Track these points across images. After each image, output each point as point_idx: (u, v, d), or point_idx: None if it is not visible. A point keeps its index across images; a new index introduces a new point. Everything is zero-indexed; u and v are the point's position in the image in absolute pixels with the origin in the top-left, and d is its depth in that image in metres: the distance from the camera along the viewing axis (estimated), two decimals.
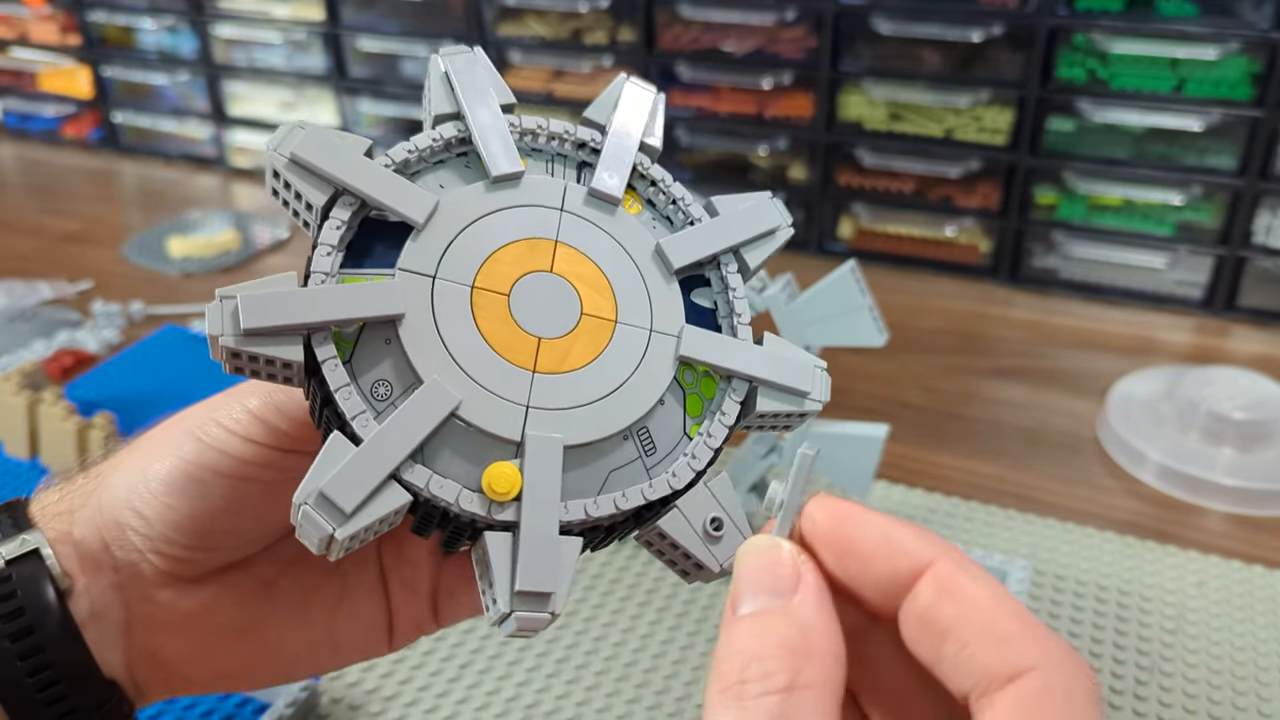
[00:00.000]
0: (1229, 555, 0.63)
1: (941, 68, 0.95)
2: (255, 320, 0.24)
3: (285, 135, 0.26)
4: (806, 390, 0.28)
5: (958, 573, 0.23)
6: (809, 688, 0.21)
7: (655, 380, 0.27)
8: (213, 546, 0.32)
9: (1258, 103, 0.86)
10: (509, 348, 0.26)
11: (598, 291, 0.28)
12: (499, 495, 0.25)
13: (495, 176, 0.28)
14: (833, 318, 0.56)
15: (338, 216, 0.26)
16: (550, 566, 0.25)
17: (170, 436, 0.31)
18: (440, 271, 0.27)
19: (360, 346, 0.26)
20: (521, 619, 0.24)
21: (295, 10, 1.17)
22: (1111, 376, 0.80)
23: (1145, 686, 0.54)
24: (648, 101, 0.31)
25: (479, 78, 0.29)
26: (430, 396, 0.25)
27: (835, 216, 1.04)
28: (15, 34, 1.33)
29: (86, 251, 1.06)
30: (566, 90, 1.08)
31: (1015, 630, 0.21)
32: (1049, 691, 0.21)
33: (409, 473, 0.24)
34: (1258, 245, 0.91)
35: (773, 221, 0.30)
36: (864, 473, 0.60)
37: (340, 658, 0.35)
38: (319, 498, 0.24)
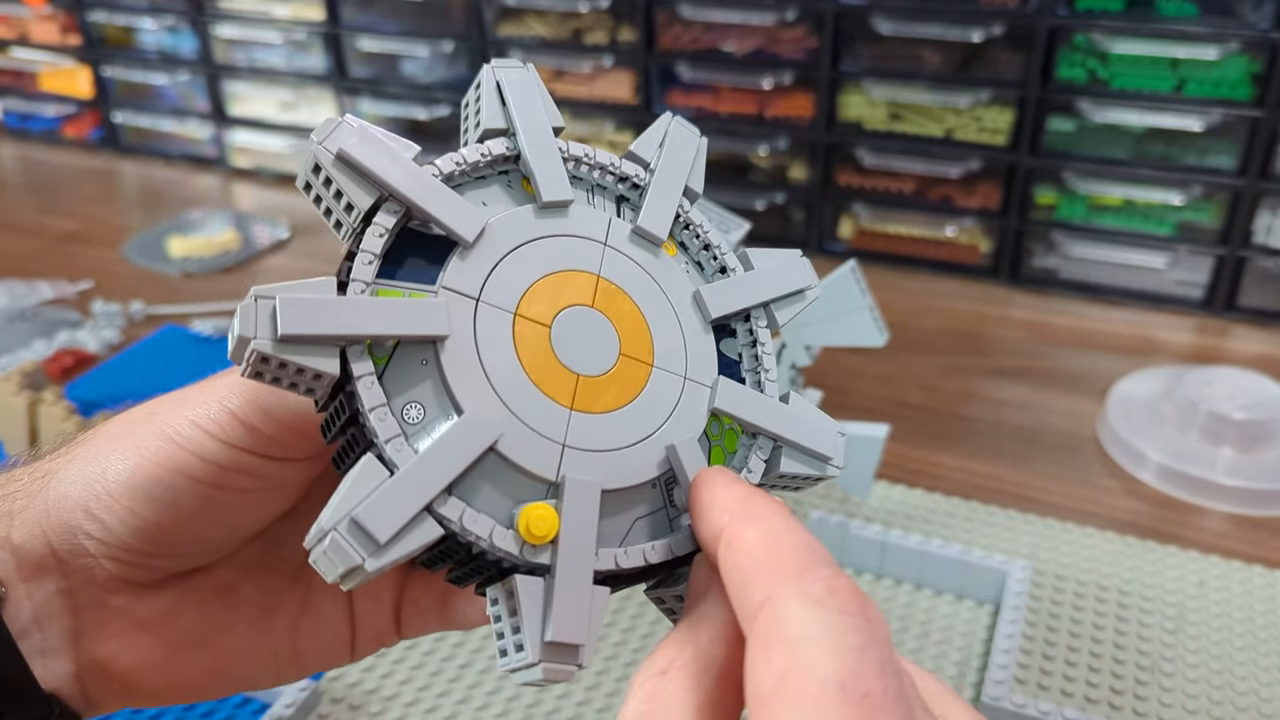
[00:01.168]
0: (1229, 555, 0.63)
1: (941, 68, 0.95)
2: (294, 326, 0.23)
3: (333, 129, 0.25)
4: (830, 456, 0.28)
5: (742, 523, 0.23)
6: (682, 668, 0.22)
7: (688, 430, 0.27)
8: (175, 554, 0.30)
9: (1258, 103, 0.86)
10: (548, 382, 0.25)
11: (636, 333, 0.27)
12: (536, 538, 0.24)
13: (545, 203, 0.27)
14: (833, 318, 0.56)
15: (381, 224, 0.25)
16: (583, 617, 0.24)
17: (134, 433, 0.29)
18: (484, 295, 0.25)
19: (393, 364, 0.24)
20: (549, 670, 0.23)
21: (295, 10, 1.17)
22: (1111, 376, 0.80)
23: (1145, 687, 0.54)
24: (693, 144, 0.30)
25: (532, 96, 0.28)
26: (471, 427, 0.24)
27: (835, 216, 1.04)
28: (15, 34, 1.33)
29: (87, 251, 1.06)
30: (567, 90, 1.08)
31: (766, 565, 0.22)
32: (774, 615, 0.21)
33: (442, 506, 0.23)
34: (1258, 245, 0.91)
35: (804, 281, 0.30)
36: (864, 473, 0.60)
37: (303, 666, 0.33)
38: (351, 524, 0.22)
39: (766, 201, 1.05)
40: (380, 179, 0.25)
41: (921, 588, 0.61)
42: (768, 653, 0.20)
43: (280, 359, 0.23)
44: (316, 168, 0.25)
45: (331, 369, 0.23)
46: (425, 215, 0.25)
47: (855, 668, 0.19)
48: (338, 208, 0.25)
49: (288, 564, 0.33)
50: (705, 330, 0.29)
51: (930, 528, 0.64)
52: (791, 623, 0.20)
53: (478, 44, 1.09)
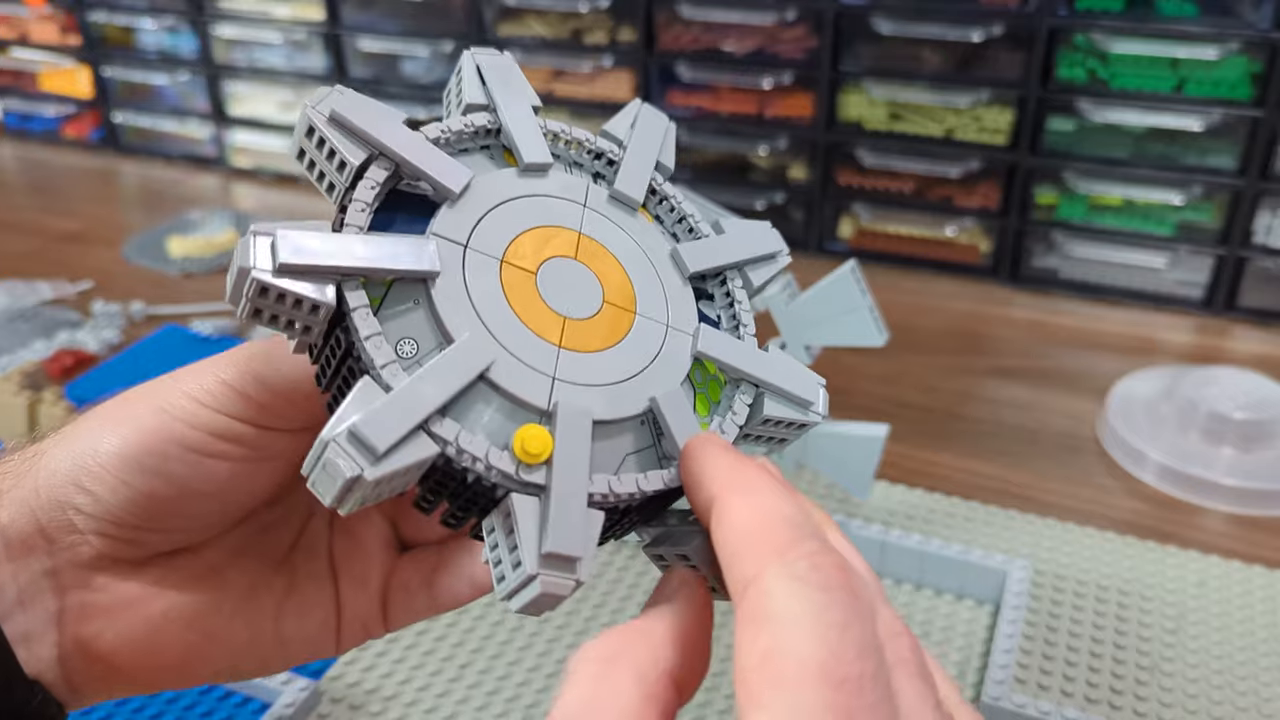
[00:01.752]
0: (1229, 555, 0.63)
1: (941, 68, 0.95)
2: (292, 256, 0.24)
3: (326, 95, 0.26)
4: (811, 400, 0.29)
5: (733, 494, 0.23)
6: (631, 659, 0.22)
7: (674, 369, 0.28)
8: (164, 529, 0.30)
9: (1258, 103, 0.86)
10: (536, 321, 0.26)
11: (619, 284, 0.29)
12: (531, 456, 0.24)
13: (526, 164, 0.29)
14: (833, 318, 0.56)
15: (372, 178, 0.26)
16: (580, 531, 0.24)
17: (126, 409, 0.29)
18: (471, 242, 0.27)
19: (386, 303, 0.25)
20: (547, 582, 0.23)
21: (295, 10, 1.17)
22: (1111, 376, 0.80)
23: (1145, 687, 0.54)
24: (662, 125, 0.32)
25: (511, 76, 0.30)
26: (463, 353, 0.25)
27: (835, 216, 1.04)
28: (15, 34, 1.33)
29: (86, 251, 1.06)
30: (566, 90, 1.08)
31: (754, 539, 0.22)
32: (761, 593, 0.21)
33: (437, 426, 0.24)
34: (1258, 245, 0.91)
35: (774, 246, 0.31)
36: (864, 473, 0.60)
37: (286, 653, 0.33)
38: (349, 435, 0.23)
39: (766, 201, 1.05)
40: (371, 136, 0.26)
41: (921, 588, 0.61)
42: (753, 630, 0.21)
43: (279, 289, 0.24)
44: (310, 130, 0.26)
45: (328, 298, 0.24)
46: (414, 169, 0.27)
47: (835, 650, 0.20)
48: (330, 168, 0.26)
49: (274, 550, 0.33)
50: (684, 285, 0.30)
51: (930, 528, 0.64)
52: (775, 601, 0.21)
53: (477, 44, 1.09)
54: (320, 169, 0.27)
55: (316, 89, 0.27)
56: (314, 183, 0.27)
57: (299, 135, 0.27)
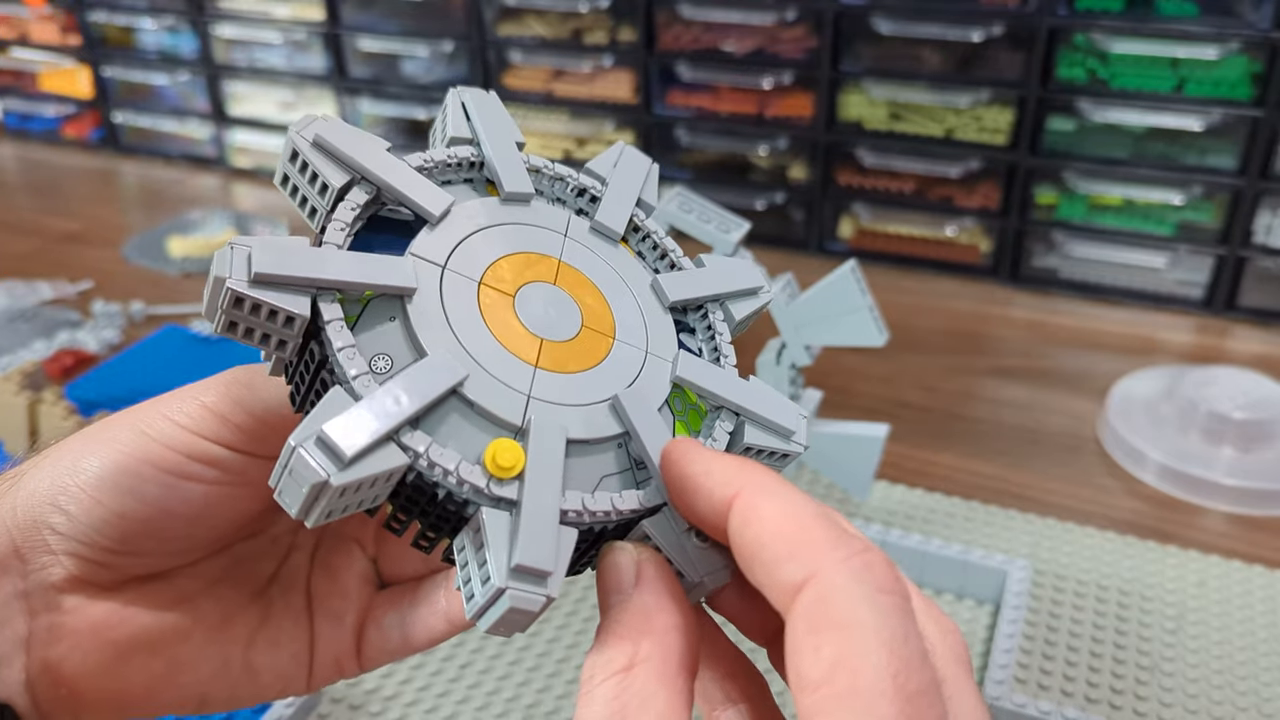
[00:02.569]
0: (1229, 555, 0.63)
1: (941, 68, 0.95)
2: (268, 267, 0.24)
3: (309, 121, 0.27)
4: (793, 430, 0.28)
5: (757, 497, 0.23)
6: (645, 661, 0.22)
7: (653, 393, 0.28)
8: (136, 551, 0.29)
9: (1258, 102, 0.86)
10: (513, 341, 0.26)
11: (598, 310, 0.29)
12: (503, 470, 0.24)
13: (508, 194, 0.29)
14: (833, 318, 0.56)
15: (353, 200, 0.26)
16: (550, 545, 0.23)
17: (107, 430, 0.29)
18: (450, 264, 0.27)
19: (363, 319, 0.25)
20: (516, 596, 0.22)
21: (295, 10, 1.17)
22: (1112, 376, 0.80)
23: (1146, 686, 0.54)
24: (644, 165, 0.32)
25: (494, 112, 0.30)
26: (437, 366, 0.24)
27: (835, 216, 1.04)
28: (15, 34, 1.33)
29: (86, 251, 1.06)
30: (566, 90, 1.08)
31: (797, 540, 0.22)
32: (823, 598, 0.21)
33: (408, 437, 0.23)
34: (1258, 245, 0.91)
35: (756, 281, 0.31)
36: (864, 473, 0.60)
37: (256, 685, 0.32)
38: (317, 440, 0.22)
39: (766, 201, 1.05)
40: (353, 160, 0.26)
41: (922, 588, 0.61)
42: (816, 638, 0.20)
43: (253, 300, 0.24)
44: (294, 155, 0.26)
45: (303, 310, 0.24)
46: (394, 193, 0.27)
47: (905, 659, 0.20)
48: (312, 191, 0.27)
49: (251, 582, 0.33)
50: (664, 313, 0.30)
51: (930, 528, 0.64)
52: (839, 606, 0.20)
53: (478, 44, 1.10)
54: (303, 193, 0.27)
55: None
56: (297, 209, 0.27)
57: (283, 160, 0.27)
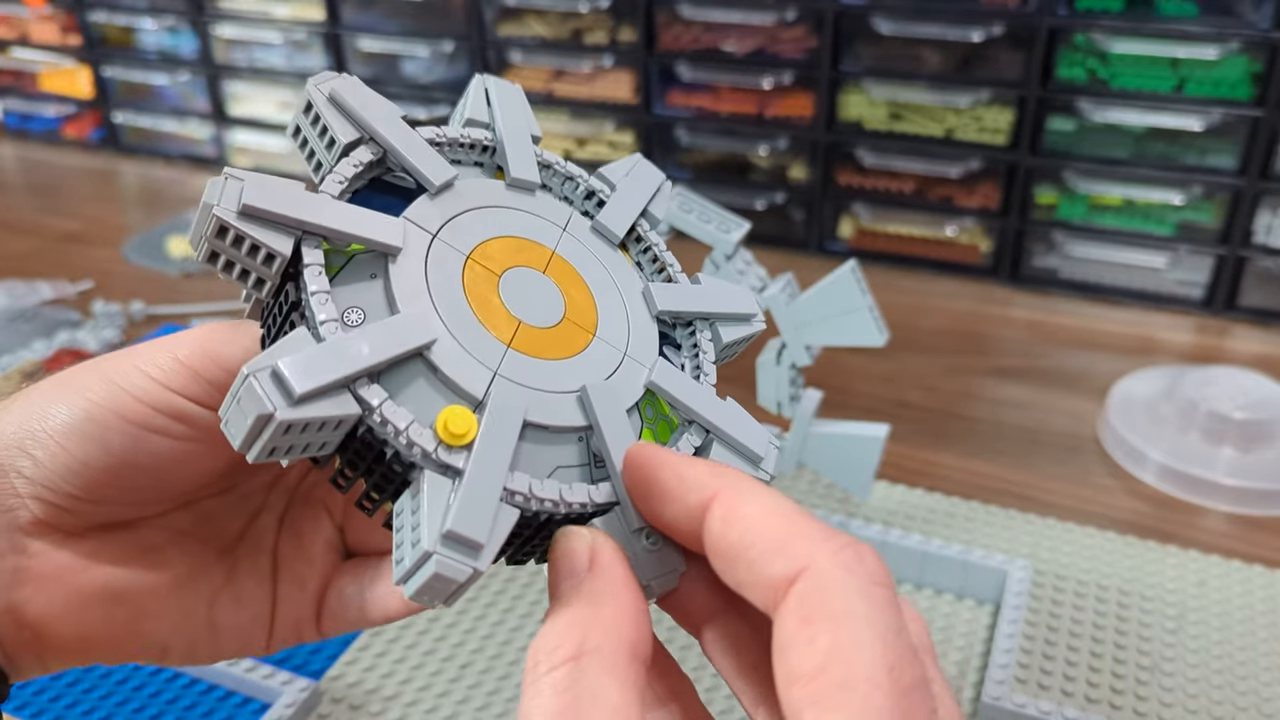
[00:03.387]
0: (1229, 555, 0.63)
1: (941, 68, 0.95)
2: (258, 200, 0.24)
3: (329, 76, 0.27)
4: (760, 456, 0.28)
5: (738, 498, 0.23)
6: (595, 651, 0.22)
7: (624, 393, 0.27)
8: (101, 500, 0.30)
9: (1258, 102, 0.86)
10: (490, 318, 0.26)
11: (583, 305, 0.28)
12: (453, 437, 0.23)
13: (513, 179, 0.29)
14: (833, 317, 0.56)
15: (357, 157, 0.26)
16: (487, 518, 0.23)
17: (78, 378, 0.29)
18: (441, 234, 0.27)
19: (344, 272, 0.25)
20: (443, 563, 0.22)
21: (295, 10, 1.17)
22: (1112, 376, 0.80)
23: (1146, 686, 0.54)
24: (656, 179, 0.32)
25: (515, 102, 0.30)
26: (406, 324, 0.24)
27: (835, 216, 1.04)
28: (16, 34, 1.33)
29: (87, 251, 1.06)
30: (566, 90, 1.08)
31: (786, 536, 0.22)
32: (818, 589, 0.21)
33: (364, 389, 0.23)
34: (1258, 245, 0.91)
35: (750, 308, 0.31)
36: (864, 473, 0.60)
37: (217, 644, 0.33)
38: (271, 373, 0.22)
39: (766, 201, 1.05)
40: (364, 119, 0.26)
41: (922, 588, 0.61)
42: (810, 629, 0.20)
43: (239, 230, 0.24)
44: (308, 107, 0.27)
45: (285, 248, 0.24)
46: (399, 157, 0.27)
47: (898, 652, 0.20)
48: (320, 145, 0.27)
49: (218, 539, 0.33)
50: (650, 321, 0.30)
51: (930, 528, 0.64)
52: (834, 597, 0.20)
53: (478, 44, 1.10)
54: (311, 146, 0.27)
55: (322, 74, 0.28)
56: (304, 162, 0.27)
57: (298, 112, 0.27)
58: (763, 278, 0.58)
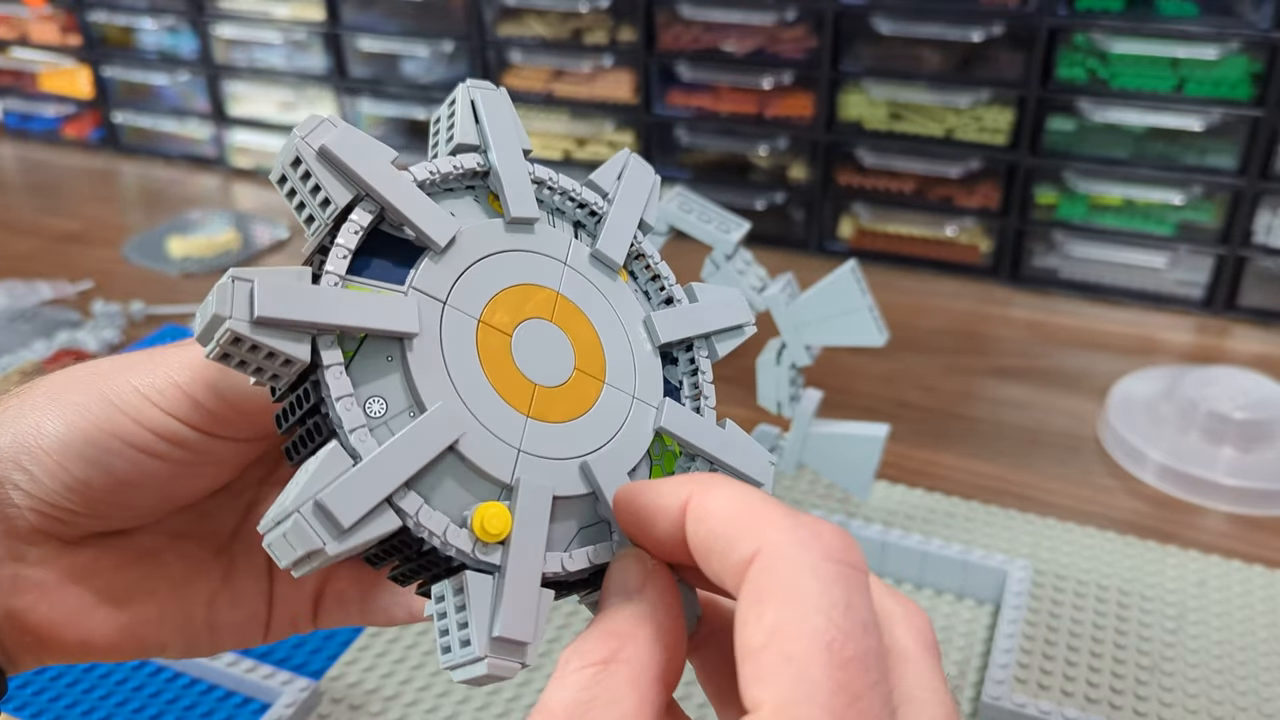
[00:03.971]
0: (1229, 555, 0.63)
1: (941, 68, 0.95)
2: (271, 309, 0.23)
3: (315, 126, 0.25)
4: (762, 483, 0.29)
5: (704, 496, 0.23)
6: (625, 663, 0.22)
7: (635, 446, 0.28)
8: (101, 516, 0.30)
9: (1258, 102, 0.86)
10: (508, 389, 0.26)
11: (590, 350, 0.28)
12: (490, 536, 0.24)
13: (513, 218, 0.28)
14: (833, 317, 0.56)
15: (357, 221, 0.25)
16: (531, 615, 0.24)
17: (75, 393, 0.29)
18: (450, 299, 0.26)
19: (359, 358, 0.25)
20: (494, 665, 0.23)
21: (295, 10, 1.17)
22: (1112, 376, 0.80)
23: (1146, 686, 0.54)
24: (649, 180, 0.32)
25: (504, 117, 0.30)
26: (435, 425, 0.24)
27: (835, 216, 1.04)
28: (15, 34, 1.33)
29: (87, 251, 1.06)
30: (566, 90, 1.08)
31: (748, 521, 0.22)
32: (766, 567, 0.21)
33: (402, 499, 0.23)
34: (1258, 245, 0.91)
35: (742, 318, 0.31)
36: (864, 473, 0.60)
37: (215, 640, 0.33)
38: (315, 507, 0.22)
39: (766, 201, 1.05)
40: (360, 177, 0.25)
41: (921, 588, 0.61)
42: (759, 606, 0.20)
43: (253, 341, 0.23)
44: (296, 161, 0.25)
45: (303, 354, 0.23)
46: (401, 218, 0.26)
47: (842, 626, 0.20)
48: (313, 203, 0.26)
49: (214, 538, 0.33)
50: (654, 354, 0.30)
51: (930, 528, 0.64)
52: (782, 573, 0.20)
53: (478, 44, 1.09)
54: (301, 200, 0.26)
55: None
56: (293, 212, 0.26)
57: (283, 163, 0.26)
58: (763, 278, 0.58)
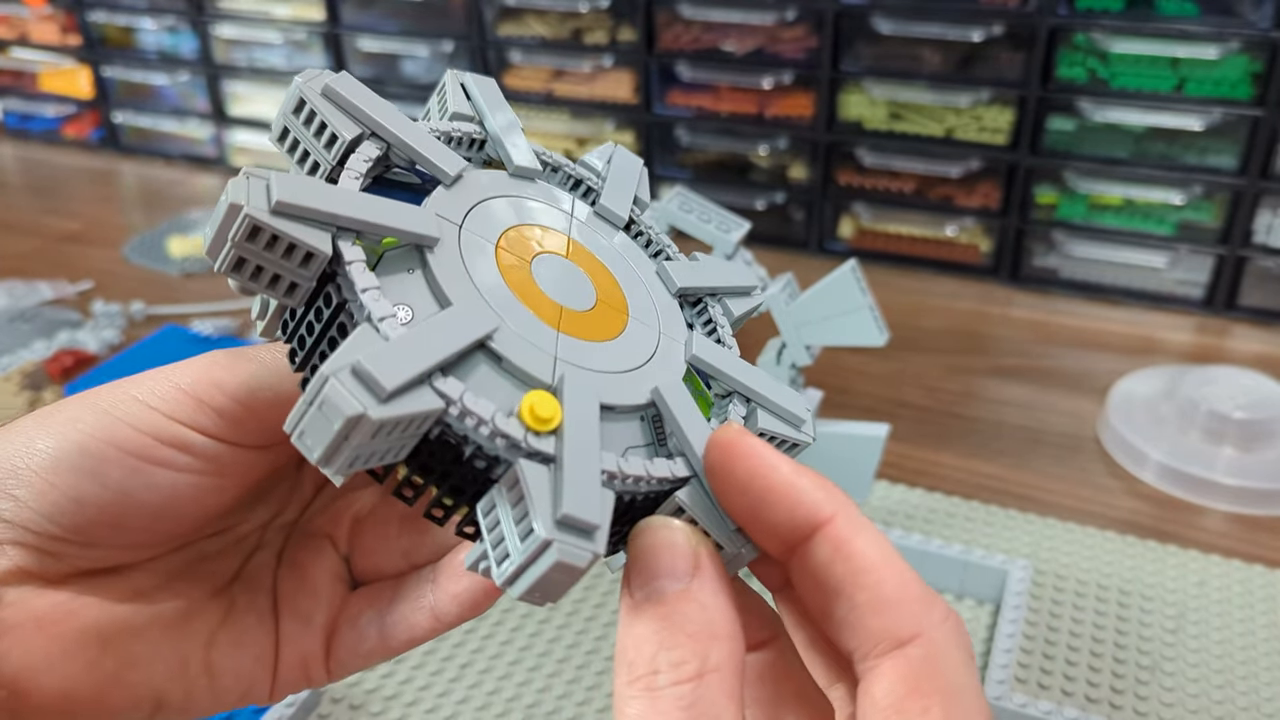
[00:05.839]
0: (1229, 555, 0.63)
1: (942, 67, 0.95)
2: (291, 196, 0.22)
3: (317, 73, 0.25)
4: (803, 419, 0.28)
5: (853, 531, 0.23)
6: (716, 671, 0.22)
7: (671, 370, 0.27)
8: (91, 542, 0.27)
9: (1258, 102, 0.86)
10: (534, 304, 0.25)
11: (610, 288, 0.28)
12: (541, 422, 0.22)
13: (516, 168, 0.28)
14: (833, 317, 0.56)
15: (365, 153, 0.25)
16: (596, 498, 0.22)
17: (65, 411, 0.27)
18: (466, 224, 0.26)
19: (379, 271, 0.23)
20: (564, 549, 0.21)
21: (295, 10, 1.17)
22: (1112, 376, 0.80)
23: (1146, 686, 0.54)
24: (637, 165, 0.32)
25: (495, 95, 0.30)
26: (465, 315, 0.23)
27: (835, 216, 1.04)
28: (15, 34, 1.33)
29: (87, 251, 1.06)
30: (566, 90, 1.08)
31: (902, 595, 0.22)
32: (931, 660, 0.22)
33: (441, 383, 0.21)
34: (1258, 244, 0.91)
35: (750, 281, 0.31)
36: (864, 473, 0.60)
37: (216, 690, 0.30)
38: (353, 371, 0.20)
39: (766, 201, 1.05)
40: (366, 114, 0.25)
41: None
42: (924, 699, 0.21)
43: (273, 229, 0.22)
44: (300, 105, 0.25)
45: (325, 246, 0.22)
46: (409, 150, 0.26)
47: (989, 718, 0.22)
48: (317, 145, 0.25)
49: (213, 580, 0.31)
50: (671, 299, 0.29)
51: (930, 527, 0.64)
52: (945, 670, 0.22)
53: (478, 44, 1.09)
54: (305, 148, 0.25)
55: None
56: (294, 166, 0.25)
57: (284, 112, 0.25)
58: (763, 278, 0.58)
